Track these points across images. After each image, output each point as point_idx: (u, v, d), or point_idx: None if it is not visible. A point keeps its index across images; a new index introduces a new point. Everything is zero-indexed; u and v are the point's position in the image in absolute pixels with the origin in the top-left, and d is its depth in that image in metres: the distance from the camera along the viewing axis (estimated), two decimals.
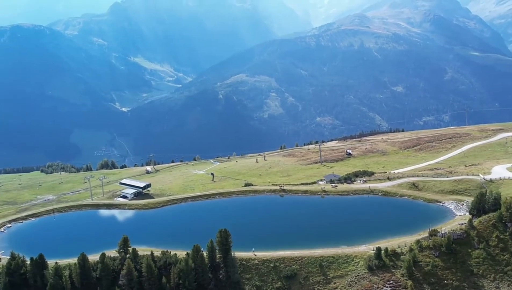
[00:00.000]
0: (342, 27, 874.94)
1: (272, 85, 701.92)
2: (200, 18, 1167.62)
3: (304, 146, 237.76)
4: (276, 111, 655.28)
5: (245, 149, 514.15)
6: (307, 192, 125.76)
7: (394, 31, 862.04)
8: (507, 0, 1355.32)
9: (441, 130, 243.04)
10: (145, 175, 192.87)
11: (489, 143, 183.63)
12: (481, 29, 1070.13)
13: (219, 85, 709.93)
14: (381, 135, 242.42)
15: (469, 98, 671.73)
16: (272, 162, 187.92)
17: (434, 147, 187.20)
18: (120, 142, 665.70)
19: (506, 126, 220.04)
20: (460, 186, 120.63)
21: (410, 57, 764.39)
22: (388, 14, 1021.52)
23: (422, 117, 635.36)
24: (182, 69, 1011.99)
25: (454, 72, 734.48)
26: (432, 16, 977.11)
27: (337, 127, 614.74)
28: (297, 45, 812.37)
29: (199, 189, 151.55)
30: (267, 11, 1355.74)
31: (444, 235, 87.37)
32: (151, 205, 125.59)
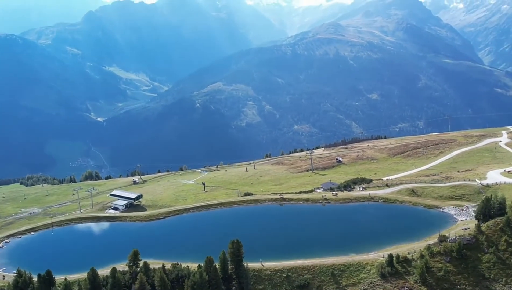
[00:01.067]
0: (317, 36, 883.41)
1: (249, 94, 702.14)
2: (176, 26, 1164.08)
3: (290, 154, 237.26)
4: (253, 119, 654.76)
5: (224, 158, 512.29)
6: (308, 200, 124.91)
7: (368, 40, 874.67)
8: (476, 9, 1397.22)
9: (425, 136, 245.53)
10: (133, 185, 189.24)
11: (476, 148, 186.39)
12: (452, 37, 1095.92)
13: (196, 94, 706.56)
14: (366, 142, 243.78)
15: (442, 105, 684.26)
16: (262, 171, 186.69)
17: (422, 153, 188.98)
18: (96, 153, 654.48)
19: (489, 131, 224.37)
20: (458, 192, 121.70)
21: (385, 65, 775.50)
22: (362, 22, 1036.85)
23: (398, 124, 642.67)
24: (158, 78, 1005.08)
25: (428, 79, 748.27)
26: (404, 24, 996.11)
27: (315, 134, 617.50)
28: (274, 53, 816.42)
29: (192, 200, 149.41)
30: (243, 20, 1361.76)
31: (455, 240, 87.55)
32: (153, 217, 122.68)
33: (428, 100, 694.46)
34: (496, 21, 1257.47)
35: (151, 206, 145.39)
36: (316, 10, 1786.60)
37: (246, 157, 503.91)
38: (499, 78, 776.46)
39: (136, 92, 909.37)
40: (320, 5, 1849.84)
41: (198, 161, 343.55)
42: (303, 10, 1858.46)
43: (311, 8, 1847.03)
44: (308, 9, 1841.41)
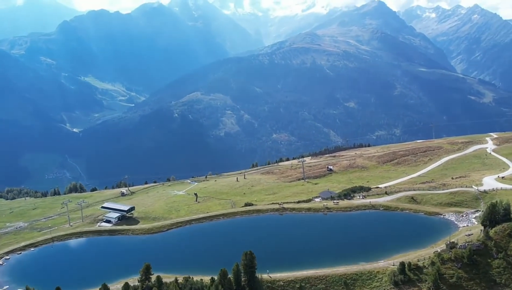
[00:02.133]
0: (294, 45, 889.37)
1: (228, 103, 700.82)
2: (152, 36, 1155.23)
3: (277, 163, 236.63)
4: (232, 128, 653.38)
5: (204, 168, 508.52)
6: (310, 209, 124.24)
7: (344, 49, 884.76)
8: (448, 18, 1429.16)
9: (411, 143, 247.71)
10: (121, 197, 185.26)
11: (465, 155, 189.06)
12: (426, 46, 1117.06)
13: (174, 103, 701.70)
14: (352, 150, 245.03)
15: (418, 112, 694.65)
16: (253, 180, 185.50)
17: (411, 160, 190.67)
18: (72, 164, 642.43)
19: (473, 138, 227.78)
20: (457, 198, 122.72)
21: (361, 73, 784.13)
22: (338, 32, 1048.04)
23: (375, 132, 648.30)
24: (135, 88, 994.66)
25: (403, 88, 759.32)
26: (379, 34, 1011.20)
27: (293, 143, 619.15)
28: (251, 63, 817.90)
29: (185, 211, 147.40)
30: (219, 30, 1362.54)
31: (465, 247, 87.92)
32: (156, 229, 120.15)
33: (404, 107, 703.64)
34: (468, 30, 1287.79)
35: (143, 218, 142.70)
36: (291, 20, 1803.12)
37: (226, 167, 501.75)
38: (472, 86, 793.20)
39: (113, 103, 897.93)
40: (296, 15, 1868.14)
41: (178, 172, 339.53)
42: (279, 20, 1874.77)
43: (286, 18, 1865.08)
44: (284, 19, 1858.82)
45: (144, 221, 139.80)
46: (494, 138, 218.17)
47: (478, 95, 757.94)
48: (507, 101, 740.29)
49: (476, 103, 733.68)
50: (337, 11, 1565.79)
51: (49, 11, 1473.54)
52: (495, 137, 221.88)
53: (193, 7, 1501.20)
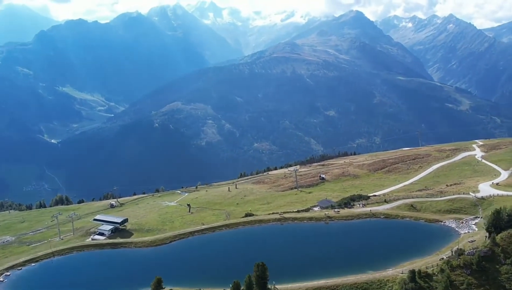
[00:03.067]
0: (274, 55, 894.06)
1: (209, 112, 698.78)
2: (131, 46, 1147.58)
3: (266, 172, 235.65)
4: (213, 138, 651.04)
5: (186, 178, 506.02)
6: (312, 219, 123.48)
7: (324, 58, 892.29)
8: (424, 28, 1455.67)
9: (398, 151, 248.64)
10: (110, 209, 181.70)
11: (455, 162, 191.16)
12: (403, 55, 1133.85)
13: (154, 113, 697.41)
14: (341, 158, 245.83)
15: (397, 120, 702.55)
16: (245, 190, 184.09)
17: (401, 168, 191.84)
18: (50, 176, 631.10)
19: (460, 145, 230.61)
20: (455, 205, 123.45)
21: (341, 82, 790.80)
22: (317, 41, 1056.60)
23: (355, 140, 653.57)
24: (114, 98, 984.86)
25: (382, 96, 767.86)
26: (358, 43, 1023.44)
27: (275, 152, 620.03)
28: (231, 72, 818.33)
29: (179, 222, 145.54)
30: (199, 39, 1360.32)
31: (473, 253, 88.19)
32: (159, 242, 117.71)
33: (384, 116, 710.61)
34: (443, 39, 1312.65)
35: (137, 230, 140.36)
36: (271, 30, 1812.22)
37: (209, 177, 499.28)
38: (449, 94, 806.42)
39: (91, 113, 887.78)
40: (275, 25, 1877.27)
41: (160, 182, 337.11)
42: (258, 29, 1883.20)
43: (266, 28, 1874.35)
44: (263, 29, 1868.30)
45: (138, 233, 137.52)
46: (480, 145, 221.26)
47: (455, 103, 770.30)
48: (483, 109, 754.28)
49: (454, 111, 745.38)
50: (316, 20, 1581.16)
51: (25, 20, 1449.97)
52: (482, 144, 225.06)
53: (172, 16, 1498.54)
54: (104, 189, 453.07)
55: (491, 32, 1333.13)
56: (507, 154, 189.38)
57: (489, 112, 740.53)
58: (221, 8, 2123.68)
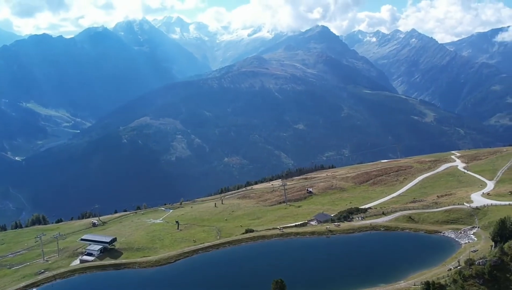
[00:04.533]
0: (242, 69, 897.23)
1: (178, 127, 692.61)
2: (97, 60, 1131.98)
3: (248, 187, 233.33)
4: (183, 153, 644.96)
5: (156, 195, 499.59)
6: (314, 233, 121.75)
7: (291, 72, 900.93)
8: (387, 42, 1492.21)
9: (378, 163, 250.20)
10: (93, 228, 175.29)
11: (438, 173, 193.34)
12: (368, 68, 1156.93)
13: (123, 129, 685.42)
14: (322, 171, 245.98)
15: (365, 133, 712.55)
16: (232, 206, 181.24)
17: (386, 180, 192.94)
18: (15, 195, 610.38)
19: (439, 157, 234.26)
20: (452, 216, 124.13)
21: (309, 96, 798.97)
22: (284, 56, 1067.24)
23: (325, 153, 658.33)
24: (80, 114, 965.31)
25: (349, 109, 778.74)
26: (324, 57, 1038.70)
27: (245, 166, 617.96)
28: (200, 87, 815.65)
29: (169, 240, 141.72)
30: (166, 54, 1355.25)
31: (484, 262, 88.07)
32: (163, 261, 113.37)
33: (352, 129, 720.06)
34: (406, 53, 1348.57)
35: (126, 249, 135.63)
36: (238, 45, 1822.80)
37: (180, 193, 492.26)
38: (414, 106, 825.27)
39: (57, 129, 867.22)
40: (242, 40, 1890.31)
41: (130, 199, 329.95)
42: (225, 44, 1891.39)
43: (233, 42, 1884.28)
44: (230, 43, 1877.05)
45: (127, 252, 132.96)
46: (459, 156, 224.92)
47: (420, 115, 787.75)
48: (447, 120, 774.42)
49: (419, 123, 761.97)
50: (283, 35, 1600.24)
51: None
52: (460, 155, 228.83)
53: (139, 31, 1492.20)
54: (73, 207, 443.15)
55: (451, 46, 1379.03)
56: (488, 165, 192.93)
57: (453, 124, 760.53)
58: (188, 23, 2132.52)
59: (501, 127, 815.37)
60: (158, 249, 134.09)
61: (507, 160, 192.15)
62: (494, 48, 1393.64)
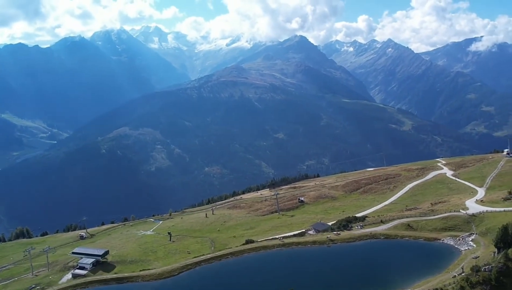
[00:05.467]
0: (221, 79, 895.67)
1: (157, 137, 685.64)
2: (74, 70, 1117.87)
3: (236, 197, 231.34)
4: (163, 163, 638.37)
5: (136, 205, 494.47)
6: (315, 242, 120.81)
7: (270, 82, 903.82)
8: (365, 52, 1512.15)
9: (365, 172, 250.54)
10: (81, 241, 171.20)
11: (427, 181, 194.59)
12: (346, 78, 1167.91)
13: (101, 139, 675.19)
14: (310, 180, 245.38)
15: (345, 142, 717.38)
16: (223, 216, 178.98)
17: (376, 188, 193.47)
18: None
19: (425, 164, 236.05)
20: (449, 223, 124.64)
21: (288, 105, 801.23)
22: (263, 66, 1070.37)
23: (305, 162, 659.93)
24: (57, 124, 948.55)
25: (329, 118, 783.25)
26: (303, 67, 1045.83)
27: (226, 176, 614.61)
28: (179, 96, 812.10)
29: (162, 252, 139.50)
30: (144, 64, 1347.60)
31: (490, 269, 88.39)
32: (167, 274, 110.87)
33: (331, 137, 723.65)
34: (383, 62, 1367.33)
35: (119, 262, 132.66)
36: (216, 54, 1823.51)
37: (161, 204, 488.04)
38: (392, 115, 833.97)
39: (33, 140, 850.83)
40: (221, 49, 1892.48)
41: (110, 212, 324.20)
42: (203, 54, 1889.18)
43: (211, 52, 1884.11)
44: (209, 53, 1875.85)
45: (120, 265, 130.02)
46: (446, 164, 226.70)
47: (398, 124, 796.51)
48: (424, 128, 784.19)
49: (397, 131, 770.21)
50: (261, 45, 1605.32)
51: None
52: (445, 163, 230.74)
53: (117, 41, 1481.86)
54: (52, 219, 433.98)
55: (427, 56, 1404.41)
56: (476, 172, 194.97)
57: (430, 132, 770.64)
58: (166, 33, 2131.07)
59: (476, 134, 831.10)
60: (152, 262, 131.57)
61: (494, 167, 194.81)
62: (468, 57, 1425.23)
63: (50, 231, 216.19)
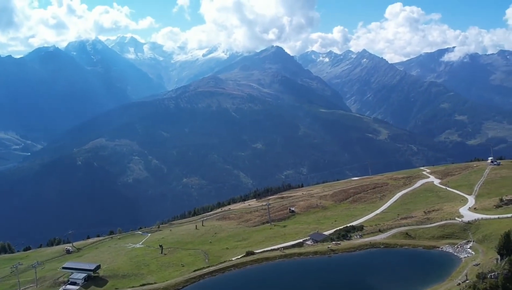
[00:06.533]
0: (199, 89, 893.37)
1: (135, 148, 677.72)
2: (49, 81, 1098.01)
3: (224, 207, 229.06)
4: (140, 175, 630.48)
5: (115, 217, 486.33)
6: (317, 253, 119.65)
7: (248, 92, 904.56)
8: (340, 62, 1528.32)
9: (351, 181, 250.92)
10: (67, 255, 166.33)
11: (416, 189, 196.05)
12: (323, 88, 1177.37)
13: (77, 151, 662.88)
14: (298, 190, 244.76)
15: (322, 151, 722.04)
16: (213, 227, 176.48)
17: (365, 197, 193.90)
18: None
19: (411, 173, 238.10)
20: (446, 231, 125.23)
21: (266, 115, 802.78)
22: (240, 76, 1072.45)
23: (283, 171, 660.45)
24: (31, 136, 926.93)
25: (306, 128, 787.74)
26: (279, 77, 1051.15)
27: (205, 187, 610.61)
28: (156, 107, 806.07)
29: (155, 265, 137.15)
30: (120, 74, 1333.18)
31: (496, 276, 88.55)
32: (171, 288, 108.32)
33: (309, 147, 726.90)
34: (359, 73, 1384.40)
35: (111, 276, 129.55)
36: (193, 65, 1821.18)
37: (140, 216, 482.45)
38: (369, 124, 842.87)
39: (6, 152, 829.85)
40: (197, 60, 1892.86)
41: (88, 224, 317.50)
42: (180, 64, 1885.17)
43: (188, 63, 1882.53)
44: (185, 63, 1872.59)
45: (113, 279, 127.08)
46: (431, 172, 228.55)
47: (374, 133, 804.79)
48: (400, 138, 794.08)
49: (374, 140, 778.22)
50: (238, 56, 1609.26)
51: None
52: (432, 171, 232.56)
53: (92, 51, 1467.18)
54: (29, 233, 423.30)
55: (401, 66, 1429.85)
56: (463, 180, 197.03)
57: (406, 141, 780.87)
58: (142, 43, 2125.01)
59: (450, 143, 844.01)
60: (145, 275, 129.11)
61: (480, 175, 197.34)
62: (441, 67, 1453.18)
63: (31, 246, 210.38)
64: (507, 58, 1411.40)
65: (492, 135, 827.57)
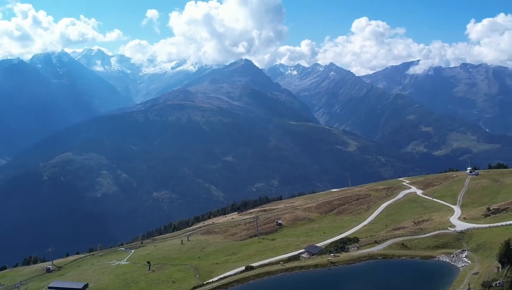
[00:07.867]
0: (168, 102, 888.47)
1: (103, 162, 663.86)
2: (12, 94, 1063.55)
3: (205, 221, 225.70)
4: (109, 189, 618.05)
5: (84, 233, 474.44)
6: (317, 266, 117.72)
7: (217, 105, 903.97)
8: (308, 75, 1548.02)
9: (332, 193, 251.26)
10: (48, 274, 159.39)
11: (400, 200, 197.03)
12: (291, 100, 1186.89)
13: (43, 165, 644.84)
14: (278, 203, 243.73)
15: (293, 163, 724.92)
16: (200, 242, 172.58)
17: (350, 209, 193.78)
18: None
19: (391, 184, 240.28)
20: (441, 241, 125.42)
21: (236, 128, 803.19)
22: (210, 89, 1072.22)
23: (255, 184, 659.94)
24: None
25: (276, 140, 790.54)
26: (249, 90, 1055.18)
27: (175, 200, 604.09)
28: (125, 120, 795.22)
29: (144, 282, 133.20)
30: (87, 87, 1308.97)
31: (502, 284, 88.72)
32: None
33: (279, 159, 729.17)
34: (326, 85, 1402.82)
35: None
36: (161, 78, 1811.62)
37: (111, 232, 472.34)
38: (338, 136, 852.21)
39: None
40: (166, 72, 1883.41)
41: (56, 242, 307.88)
42: (148, 77, 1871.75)
43: (156, 75, 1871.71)
44: (154, 76, 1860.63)
45: None
46: (412, 183, 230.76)
47: (343, 145, 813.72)
48: (369, 149, 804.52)
49: (343, 152, 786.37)
50: (207, 68, 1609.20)
51: None
52: (412, 182, 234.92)
53: (58, 64, 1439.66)
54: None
55: (368, 79, 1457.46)
56: (446, 190, 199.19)
57: (374, 152, 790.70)
58: (109, 56, 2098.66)
59: (417, 154, 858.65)
60: None
61: (461, 185, 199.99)
62: (406, 80, 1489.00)
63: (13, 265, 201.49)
64: (469, 71, 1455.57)
65: (456, 146, 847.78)
